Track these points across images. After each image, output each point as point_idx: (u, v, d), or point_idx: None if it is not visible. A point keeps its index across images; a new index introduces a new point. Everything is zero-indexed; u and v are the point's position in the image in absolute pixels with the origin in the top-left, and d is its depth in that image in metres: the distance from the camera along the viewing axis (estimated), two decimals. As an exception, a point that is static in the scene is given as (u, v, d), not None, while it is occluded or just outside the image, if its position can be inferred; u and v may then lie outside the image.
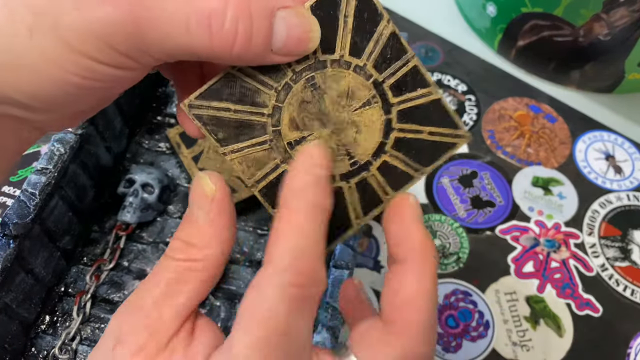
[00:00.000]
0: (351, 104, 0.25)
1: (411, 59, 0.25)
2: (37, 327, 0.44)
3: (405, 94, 0.25)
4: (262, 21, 0.21)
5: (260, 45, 0.22)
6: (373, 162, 0.26)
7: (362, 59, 0.25)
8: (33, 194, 0.40)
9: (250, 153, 0.26)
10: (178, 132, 0.52)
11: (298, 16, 0.22)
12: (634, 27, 0.54)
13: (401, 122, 0.26)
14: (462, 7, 0.68)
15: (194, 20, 0.20)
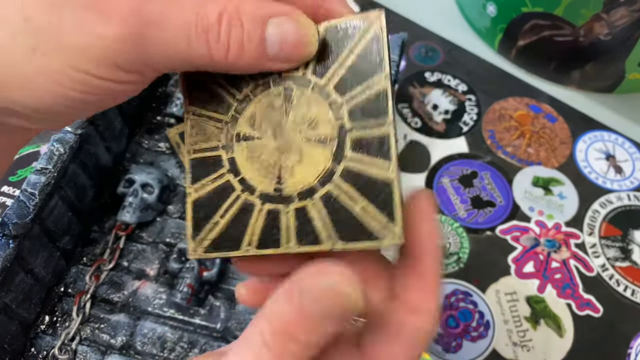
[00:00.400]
0: (308, 133, 0.24)
1: (387, 125, 0.23)
2: (37, 327, 0.44)
3: (363, 155, 0.23)
4: (253, 29, 0.22)
5: (253, 52, 0.22)
6: (293, 202, 0.24)
7: (342, 97, 0.23)
8: (33, 194, 0.40)
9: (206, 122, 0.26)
10: (178, 132, 0.52)
11: (291, 21, 0.22)
12: (634, 27, 0.54)
13: (342, 179, 0.24)
14: (462, 7, 0.68)
15: (193, 34, 0.21)
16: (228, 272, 0.47)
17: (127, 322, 0.45)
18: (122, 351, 0.44)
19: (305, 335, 0.20)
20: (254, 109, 0.25)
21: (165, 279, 0.47)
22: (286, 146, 0.24)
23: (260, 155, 0.25)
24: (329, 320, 0.20)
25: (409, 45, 0.65)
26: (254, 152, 0.25)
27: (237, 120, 0.25)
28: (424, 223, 0.23)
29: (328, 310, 0.20)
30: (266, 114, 0.25)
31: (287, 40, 0.22)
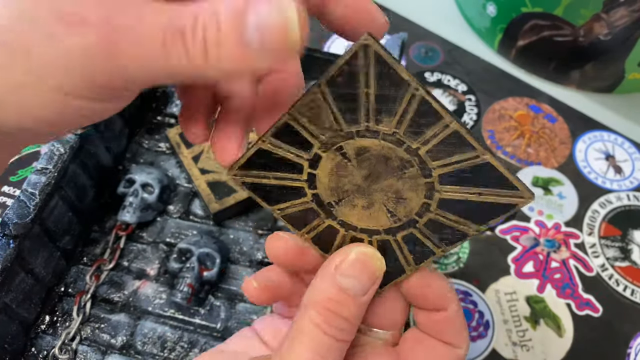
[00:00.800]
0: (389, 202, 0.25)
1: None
2: (37, 327, 0.44)
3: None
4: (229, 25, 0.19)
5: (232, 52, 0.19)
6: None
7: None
8: (33, 193, 0.40)
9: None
10: (178, 132, 0.52)
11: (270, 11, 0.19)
12: (634, 27, 0.54)
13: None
14: (462, 7, 0.68)
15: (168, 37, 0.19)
16: (228, 272, 0.47)
17: (127, 321, 0.45)
18: (122, 351, 0.44)
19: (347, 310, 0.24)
20: (372, 145, 0.24)
21: (165, 279, 0.47)
22: (366, 192, 0.25)
23: (342, 177, 0.25)
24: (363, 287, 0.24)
25: (408, 46, 0.65)
26: (339, 169, 0.25)
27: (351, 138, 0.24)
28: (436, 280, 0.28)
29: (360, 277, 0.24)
30: (375, 159, 0.24)
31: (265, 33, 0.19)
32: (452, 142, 0.23)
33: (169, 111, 0.54)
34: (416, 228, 0.25)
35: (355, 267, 0.25)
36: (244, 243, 0.49)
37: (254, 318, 0.45)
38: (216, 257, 0.46)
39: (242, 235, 0.49)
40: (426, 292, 0.27)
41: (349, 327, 0.25)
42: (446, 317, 0.27)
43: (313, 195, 0.26)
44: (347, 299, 0.24)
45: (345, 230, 0.27)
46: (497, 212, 0.24)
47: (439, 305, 0.27)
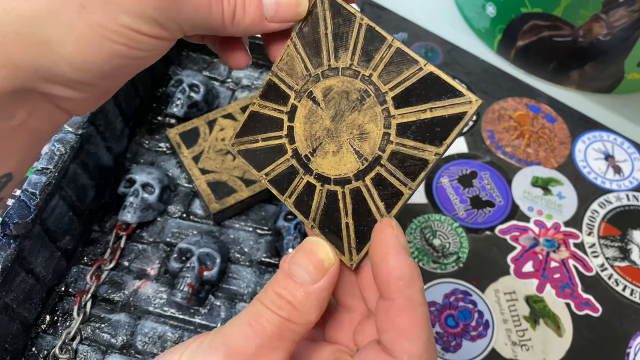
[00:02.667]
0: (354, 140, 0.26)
1: (407, 189, 0.25)
2: (38, 326, 0.44)
3: (376, 190, 0.26)
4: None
5: (253, 14, 0.26)
6: (311, 175, 0.28)
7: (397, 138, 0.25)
8: (33, 193, 0.40)
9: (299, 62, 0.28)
10: (178, 132, 0.52)
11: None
12: (633, 27, 0.54)
13: (350, 193, 0.27)
14: (461, 7, 0.68)
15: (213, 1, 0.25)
16: (228, 271, 0.48)
17: (127, 321, 0.45)
18: (122, 350, 0.44)
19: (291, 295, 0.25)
20: (335, 83, 0.27)
21: (165, 279, 0.47)
22: (334, 134, 0.27)
23: (314, 123, 0.28)
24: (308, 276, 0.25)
25: (408, 46, 0.65)
26: (312, 115, 0.28)
27: (319, 81, 0.27)
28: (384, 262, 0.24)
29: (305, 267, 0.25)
30: (339, 97, 0.27)
31: (280, 2, 0.26)
32: (398, 61, 0.25)
33: (170, 111, 0.54)
34: (381, 165, 0.26)
35: (303, 256, 0.26)
36: (244, 243, 0.49)
37: (254, 318, 0.45)
38: (216, 257, 0.46)
39: (242, 235, 0.49)
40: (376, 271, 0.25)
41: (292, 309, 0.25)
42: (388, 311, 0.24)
43: (292, 150, 0.28)
44: (292, 284, 0.25)
45: (321, 185, 0.27)
46: (450, 126, 0.24)
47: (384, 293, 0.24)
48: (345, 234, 0.27)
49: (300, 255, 0.26)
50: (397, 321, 0.24)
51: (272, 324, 0.24)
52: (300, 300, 0.25)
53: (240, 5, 0.26)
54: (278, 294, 0.25)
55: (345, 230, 0.27)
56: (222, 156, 0.51)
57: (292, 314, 0.25)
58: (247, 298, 0.46)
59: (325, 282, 0.26)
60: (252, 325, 0.24)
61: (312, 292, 0.25)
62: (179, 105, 0.54)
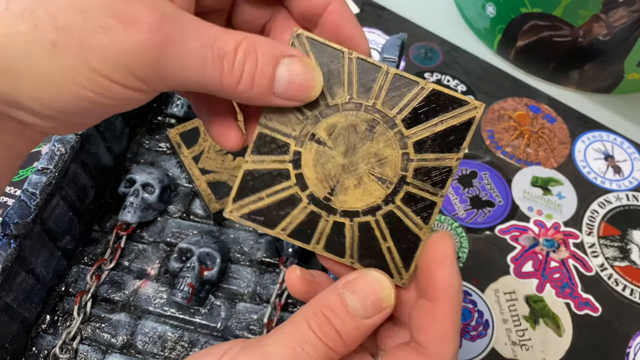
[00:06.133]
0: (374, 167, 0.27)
1: (439, 197, 0.26)
2: (38, 326, 0.44)
3: (409, 208, 0.27)
4: (266, 66, 0.23)
5: (262, 86, 0.24)
6: (335, 215, 0.27)
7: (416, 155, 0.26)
8: (34, 193, 0.40)
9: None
10: (178, 132, 0.52)
11: (302, 65, 0.24)
12: (633, 27, 0.54)
13: (383, 218, 0.27)
14: (461, 7, 0.68)
15: (209, 58, 0.22)
16: (228, 271, 0.48)
17: (128, 321, 0.45)
18: (123, 350, 0.44)
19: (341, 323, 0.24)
20: (338, 120, 0.27)
21: (165, 279, 0.47)
22: (351, 168, 0.27)
23: (325, 163, 0.27)
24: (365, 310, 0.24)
25: (408, 46, 0.65)
26: (320, 157, 0.27)
27: (319, 121, 0.27)
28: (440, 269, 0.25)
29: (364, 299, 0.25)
30: (346, 131, 0.27)
31: (294, 81, 0.24)
32: (397, 86, 0.26)
33: (170, 111, 0.54)
34: (408, 184, 0.27)
35: (363, 289, 0.25)
36: (244, 243, 0.49)
37: (254, 317, 0.45)
38: (216, 256, 0.46)
39: (242, 235, 0.49)
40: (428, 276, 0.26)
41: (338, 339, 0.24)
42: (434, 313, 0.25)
43: (307, 197, 0.27)
44: (344, 312, 0.24)
45: (350, 220, 0.27)
46: (463, 132, 0.26)
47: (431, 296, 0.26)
48: (389, 257, 0.27)
49: (360, 286, 0.25)
50: (440, 324, 0.25)
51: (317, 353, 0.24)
52: (349, 332, 0.24)
53: (249, 76, 0.23)
54: (328, 318, 0.24)
55: (388, 254, 0.27)
56: (222, 156, 0.51)
57: (337, 343, 0.24)
58: (247, 298, 0.47)
59: (377, 320, 0.25)
60: (297, 352, 0.24)
61: (362, 327, 0.25)
62: (179, 105, 0.54)
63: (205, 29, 0.23)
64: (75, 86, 0.21)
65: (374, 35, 0.66)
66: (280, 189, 0.27)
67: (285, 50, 0.24)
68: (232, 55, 0.23)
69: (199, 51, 0.22)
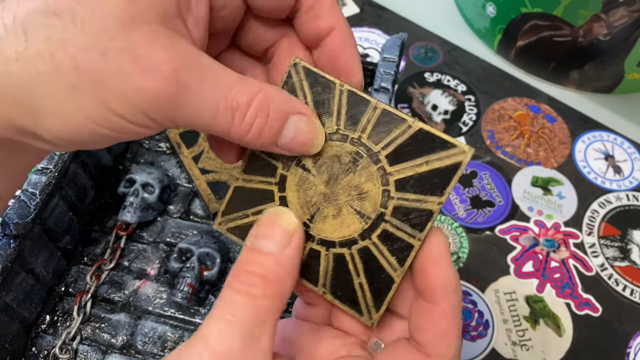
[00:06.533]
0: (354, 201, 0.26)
1: (416, 240, 0.25)
2: (38, 326, 0.44)
3: (385, 247, 0.26)
4: (275, 121, 0.24)
5: (268, 139, 0.25)
6: (313, 242, 0.27)
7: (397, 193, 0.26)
8: (33, 193, 0.40)
9: None
10: (178, 132, 0.52)
11: (308, 124, 0.25)
12: (633, 27, 0.54)
13: (359, 253, 0.27)
14: (461, 7, 0.68)
15: (222, 109, 0.23)
16: (228, 271, 0.47)
17: (127, 321, 0.45)
18: (122, 350, 0.44)
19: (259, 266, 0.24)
20: (323, 149, 0.27)
21: (165, 279, 0.47)
22: (331, 198, 0.27)
23: (307, 190, 0.27)
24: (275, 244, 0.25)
25: (408, 46, 0.65)
26: (304, 183, 0.27)
27: None
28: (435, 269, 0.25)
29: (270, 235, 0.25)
30: (330, 161, 0.27)
31: (298, 138, 0.25)
32: (385, 121, 0.26)
33: (169, 111, 0.54)
34: (386, 221, 0.26)
35: (265, 227, 0.25)
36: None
37: (254, 318, 0.45)
38: (216, 256, 0.46)
39: (242, 235, 0.49)
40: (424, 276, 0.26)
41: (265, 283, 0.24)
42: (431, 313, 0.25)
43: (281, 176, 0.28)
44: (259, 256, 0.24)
45: (326, 250, 0.27)
46: (448, 176, 0.25)
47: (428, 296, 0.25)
48: (361, 294, 0.27)
49: (262, 228, 0.25)
50: (439, 324, 0.25)
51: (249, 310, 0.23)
52: (272, 269, 0.24)
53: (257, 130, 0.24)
54: (247, 271, 0.24)
55: (359, 290, 0.27)
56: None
57: (265, 288, 0.24)
58: (247, 298, 0.46)
59: (293, 246, 0.25)
60: (228, 319, 0.23)
61: (283, 258, 0.25)
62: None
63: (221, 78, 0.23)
64: (92, 124, 0.22)
65: (374, 35, 0.66)
66: (264, 209, 0.28)
67: (296, 107, 0.25)
68: (244, 109, 0.23)
69: (212, 101, 0.23)
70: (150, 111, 0.22)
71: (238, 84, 0.23)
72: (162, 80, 0.22)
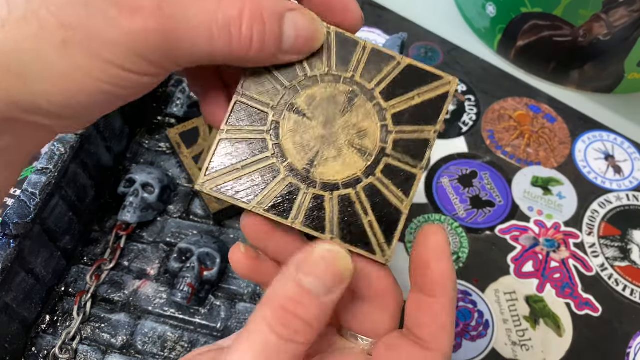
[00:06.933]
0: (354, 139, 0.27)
1: (418, 169, 0.27)
2: (38, 326, 0.44)
3: (389, 181, 0.27)
4: (273, 25, 0.23)
5: (272, 47, 0.24)
6: (315, 187, 0.27)
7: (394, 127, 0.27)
8: (33, 193, 0.40)
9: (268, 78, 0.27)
10: (178, 132, 0.52)
11: (305, 17, 0.25)
12: (633, 27, 0.54)
13: (364, 190, 0.27)
14: (462, 7, 0.68)
15: (215, 29, 0.22)
16: (228, 271, 0.48)
17: (127, 321, 0.45)
18: (122, 350, 0.44)
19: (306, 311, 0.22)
20: (317, 91, 0.27)
21: (165, 279, 0.47)
22: (330, 139, 0.27)
23: (304, 134, 0.27)
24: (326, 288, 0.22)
25: (408, 46, 0.65)
26: (299, 127, 0.27)
27: (297, 92, 0.27)
28: (437, 263, 0.25)
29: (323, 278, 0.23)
30: (326, 103, 0.27)
31: (301, 35, 0.24)
32: (375, 60, 0.27)
33: (170, 111, 0.54)
34: (388, 156, 0.27)
35: (319, 265, 0.23)
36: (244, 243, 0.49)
37: (254, 318, 0.45)
38: (216, 256, 0.46)
39: (242, 235, 0.49)
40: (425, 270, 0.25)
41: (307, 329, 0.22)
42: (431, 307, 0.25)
43: (286, 167, 0.27)
44: (307, 298, 0.22)
45: (330, 193, 0.27)
46: (439, 106, 0.27)
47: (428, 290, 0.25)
48: (371, 232, 0.27)
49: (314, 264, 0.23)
50: (439, 318, 0.25)
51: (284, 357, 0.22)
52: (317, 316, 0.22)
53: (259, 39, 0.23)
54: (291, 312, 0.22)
55: (369, 229, 0.27)
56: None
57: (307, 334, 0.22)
58: (247, 298, 0.46)
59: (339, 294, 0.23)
60: None
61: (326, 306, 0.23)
62: (179, 105, 0.54)
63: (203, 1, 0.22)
64: (91, 80, 0.22)
65: (374, 35, 0.66)
66: (257, 160, 0.27)
67: (286, 4, 0.24)
68: (237, 21, 0.23)
69: (203, 24, 0.22)
70: (146, 52, 0.22)
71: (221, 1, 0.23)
72: (149, 18, 0.21)
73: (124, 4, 0.21)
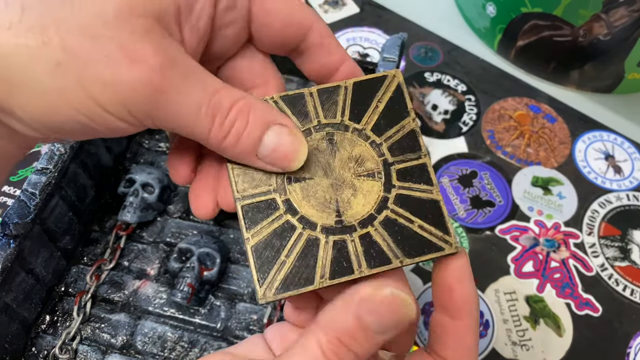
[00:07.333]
0: (357, 169, 0.27)
1: (423, 156, 0.28)
2: (38, 326, 0.44)
3: (409, 183, 0.27)
4: (255, 127, 0.24)
5: (247, 146, 0.24)
6: (356, 230, 0.26)
7: (380, 138, 0.28)
8: (33, 193, 0.40)
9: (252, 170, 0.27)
10: (178, 132, 0.52)
11: (291, 135, 0.25)
12: (633, 27, 0.54)
13: (396, 205, 0.27)
14: (462, 7, 0.68)
15: (203, 109, 0.23)
16: (228, 271, 0.47)
17: (127, 321, 0.45)
18: (122, 351, 0.44)
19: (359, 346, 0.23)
20: None
21: (165, 279, 0.47)
22: (339, 182, 0.27)
23: (315, 194, 0.27)
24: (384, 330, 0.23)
25: (408, 46, 0.65)
26: (308, 191, 0.27)
27: None
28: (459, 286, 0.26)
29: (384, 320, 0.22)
30: (314, 157, 0.27)
31: (278, 150, 0.25)
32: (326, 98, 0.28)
33: (169, 111, 0.54)
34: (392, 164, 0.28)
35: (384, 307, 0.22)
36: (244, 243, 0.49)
37: (254, 318, 0.45)
38: (216, 256, 0.46)
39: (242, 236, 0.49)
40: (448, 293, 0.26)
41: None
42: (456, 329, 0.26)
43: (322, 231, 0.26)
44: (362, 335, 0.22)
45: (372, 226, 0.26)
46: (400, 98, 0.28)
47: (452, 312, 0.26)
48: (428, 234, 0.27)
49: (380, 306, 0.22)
50: (464, 340, 0.26)
51: None
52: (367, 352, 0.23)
53: (235, 135, 0.24)
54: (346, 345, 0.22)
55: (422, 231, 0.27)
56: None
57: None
58: (247, 298, 0.46)
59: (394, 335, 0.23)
60: None
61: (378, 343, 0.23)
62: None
63: (206, 81, 0.23)
64: (69, 109, 0.21)
65: (374, 35, 0.66)
66: (294, 241, 0.26)
67: (278, 118, 0.25)
68: (225, 112, 0.23)
69: (195, 101, 0.23)
70: (131, 104, 0.22)
71: (223, 89, 0.23)
72: (147, 72, 0.21)
73: (129, 51, 0.21)
